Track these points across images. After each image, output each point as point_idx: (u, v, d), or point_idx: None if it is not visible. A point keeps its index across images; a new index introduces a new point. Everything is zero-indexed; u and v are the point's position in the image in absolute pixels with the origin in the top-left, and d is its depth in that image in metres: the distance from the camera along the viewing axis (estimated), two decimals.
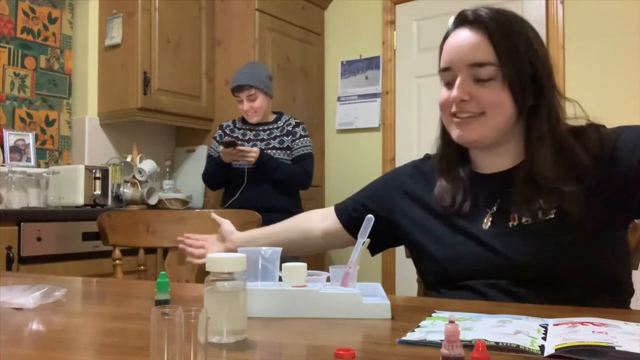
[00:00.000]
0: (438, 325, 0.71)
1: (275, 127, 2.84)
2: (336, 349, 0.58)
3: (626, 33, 2.89)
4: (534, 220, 0.96)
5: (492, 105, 0.97)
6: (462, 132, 1.00)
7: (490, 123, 0.98)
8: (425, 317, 0.76)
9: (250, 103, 2.75)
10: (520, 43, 0.96)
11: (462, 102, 0.97)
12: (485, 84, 0.96)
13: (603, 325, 0.66)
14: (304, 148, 2.81)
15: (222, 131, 2.89)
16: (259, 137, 2.82)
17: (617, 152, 0.93)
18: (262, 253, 0.87)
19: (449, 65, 1.00)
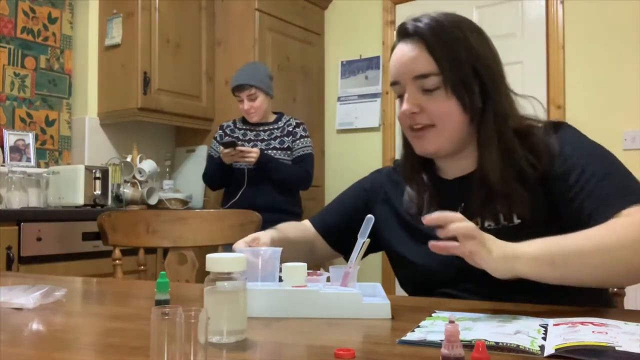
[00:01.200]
0: (438, 325, 0.71)
1: (275, 127, 2.83)
2: (336, 349, 0.58)
3: (626, 33, 2.89)
4: (497, 225, 0.97)
5: (440, 116, 0.98)
6: (420, 145, 1.02)
7: (442, 134, 0.99)
8: (425, 317, 0.76)
9: (250, 103, 2.75)
10: (460, 49, 0.97)
11: (413, 114, 0.99)
12: (432, 94, 0.98)
13: (603, 325, 0.66)
14: (304, 148, 2.81)
15: (223, 131, 2.89)
16: (259, 137, 2.81)
17: (557, 174, 0.94)
18: (262, 253, 0.87)
19: (396, 79, 1.01)
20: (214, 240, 1.65)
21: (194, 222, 1.67)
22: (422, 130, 1.00)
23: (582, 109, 2.95)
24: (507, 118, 0.98)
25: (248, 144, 2.78)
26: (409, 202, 1.07)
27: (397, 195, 1.12)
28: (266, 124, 2.85)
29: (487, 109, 0.98)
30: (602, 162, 0.93)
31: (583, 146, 0.96)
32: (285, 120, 2.87)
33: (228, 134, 2.86)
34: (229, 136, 2.86)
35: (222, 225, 1.66)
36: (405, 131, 1.05)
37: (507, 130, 0.97)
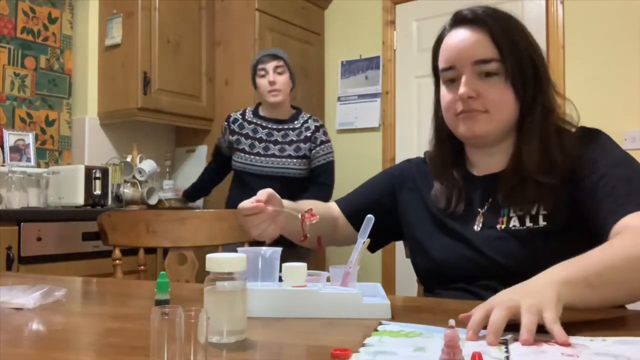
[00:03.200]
0: (386, 344, 0.63)
1: (291, 127, 2.51)
2: (333, 349, 0.58)
3: (626, 33, 2.89)
4: (522, 225, 0.97)
5: (496, 103, 0.98)
6: (469, 126, 1.00)
7: (494, 120, 0.99)
8: (372, 333, 0.68)
9: (276, 76, 2.44)
10: (519, 38, 0.99)
11: (469, 99, 0.98)
12: (490, 80, 0.98)
13: (569, 346, 0.60)
14: (325, 157, 2.50)
15: (228, 126, 2.59)
16: (272, 137, 2.49)
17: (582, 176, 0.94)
18: (262, 253, 0.87)
19: (452, 64, 1.01)
20: (214, 240, 1.65)
21: (194, 222, 1.67)
22: (474, 111, 0.99)
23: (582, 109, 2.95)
24: (552, 112, 1.00)
25: (258, 143, 2.47)
26: (438, 196, 1.08)
27: (425, 186, 1.12)
28: (282, 121, 2.51)
29: (537, 100, 0.99)
30: (627, 168, 0.93)
31: (612, 152, 0.97)
32: (302, 119, 2.53)
33: (236, 132, 2.54)
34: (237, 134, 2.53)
35: (222, 226, 1.66)
36: (451, 118, 1.03)
37: (550, 123, 0.99)
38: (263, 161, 2.43)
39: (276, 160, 2.40)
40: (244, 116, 2.57)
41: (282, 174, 2.41)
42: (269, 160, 2.43)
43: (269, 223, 0.99)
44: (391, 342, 0.63)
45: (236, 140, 2.48)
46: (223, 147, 2.60)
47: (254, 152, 2.44)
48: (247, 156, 2.45)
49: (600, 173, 0.92)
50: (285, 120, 2.51)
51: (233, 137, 2.51)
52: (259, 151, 2.42)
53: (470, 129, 1.00)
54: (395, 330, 0.67)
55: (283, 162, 2.42)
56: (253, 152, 2.45)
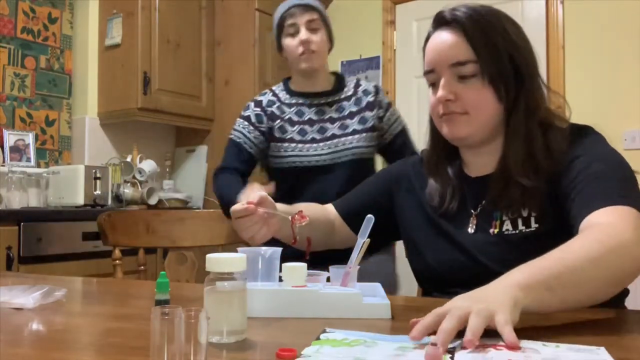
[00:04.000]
0: (324, 355, 0.59)
1: (343, 96, 1.84)
2: (279, 349, 0.58)
3: (626, 33, 2.89)
4: (515, 229, 0.96)
5: (475, 105, 0.98)
6: (450, 128, 1.01)
7: (475, 121, 0.99)
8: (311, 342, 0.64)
9: (310, 34, 1.76)
10: (498, 38, 0.98)
11: (448, 101, 0.99)
12: (468, 81, 0.98)
13: (519, 350, 0.59)
14: (400, 121, 1.89)
15: (263, 111, 1.82)
16: (325, 115, 1.80)
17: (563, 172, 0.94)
18: (262, 253, 0.87)
19: (432, 67, 1.01)
20: (214, 240, 1.65)
21: (194, 222, 1.67)
22: (453, 114, 0.99)
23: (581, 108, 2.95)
24: (536, 110, 0.99)
25: (310, 127, 1.78)
26: (432, 193, 1.08)
27: (421, 186, 1.12)
28: (327, 93, 1.83)
29: (520, 98, 0.98)
30: (605, 164, 0.92)
31: (594, 149, 0.95)
32: (352, 85, 1.87)
33: (277, 116, 1.81)
34: (278, 118, 1.80)
35: (222, 226, 1.66)
36: (436, 119, 1.05)
37: (534, 122, 0.98)
38: (322, 147, 1.76)
39: (339, 141, 1.77)
40: (278, 97, 1.86)
41: (352, 156, 1.77)
42: (329, 144, 1.77)
43: (261, 226, 0.97)
44: (330, 352, 0.59)
45: (280, 128, 1.78)
46: (249, 146, 1.81)
47: (308, 139, 1.78)
48: (299, 146, 1.77)
49: (577, 170, 0.91)
50: (332, 91, 1.85)
51: (275, 124, 1.79)
52: (313, 137, 1.78)
53: (451, 131, 1.01)
54: (339, 339, 0.64)
55: (350, 140, 1.77)
56: (306, 140, 1.77)
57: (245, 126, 1.82)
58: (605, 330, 0.72)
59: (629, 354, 0.61)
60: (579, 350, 0.59)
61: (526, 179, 0.94)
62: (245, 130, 1.82)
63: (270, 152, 1.82)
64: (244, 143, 1.80)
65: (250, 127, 1.82)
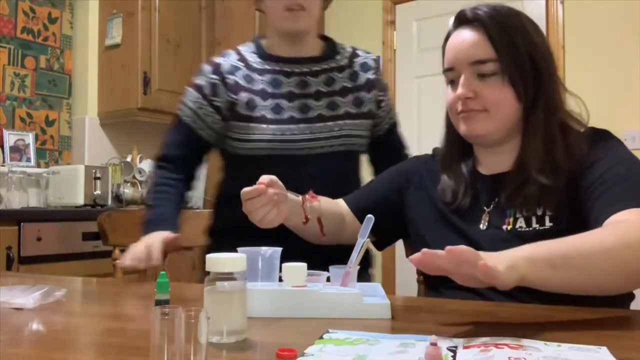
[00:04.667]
0: (327, 353, 0.59)
1: (335, 65, 1.41)
2: (278, 349, 0.58)
3: (626, 33, 2.89)
4: (528, 227, 0.96)
5: (494, 103, 0.99)
6: (469, 126, 1.01)
7: (494, 119, 0.99)
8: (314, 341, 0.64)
9: None
10: (518, 37, 0.99)
11: (467, 99, 0.99)
12: (488, 80, 0.98)
13: (520, 348, 0.59)
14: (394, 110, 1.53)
15: (221, 79, 1.34)
16: (310, 88, 1.35)
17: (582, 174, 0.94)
18: (262, 253, 0.87)
19: (452, 64, 1.02)
20: None
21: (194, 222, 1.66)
22: (472, 111, 1.00)
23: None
24: (556, 111, 0.99)
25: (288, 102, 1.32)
26: (445, 189, 1.08)
27: (432, 182, 1.12)
28: (313, 60, 1.39)
29: (539, 98, 0.99)
30: (627, 167, 0.92)
31: (615, 152, 0.96)
32: (348, 53, 1.47)
33: (241, 87, 1.33)
34: (234, 89, 1.33)
35: None
36: (454, 118, 1.05)
37: (555, 122, 0.99)
38: (303, 130, 1.30)
39: (326, 125, 1.32)
40: (246, 61, 1.37)
41: (340, 147, 1.33)
42: (313, 127, 1.31)
43: (270, 207, 0.96)
44: (332, 350, 0.60)
45: (247, 103, 1.31)
46: (200, 128, 1.36)
47: (285, 117, 1.31)
48: (271, 127, 1.29)
49: (599, 172, 0.92)
50: (320, 57, 1.40)
51: (240, 97, 1.32)
52: (292, 115, 1.31)
53: (469, 129, 1.01)
54: (342, 338, 0.65)
55: (340, 125, 1.33)
56: (283, 119, 1.31)
57: (195, 100, 1.36)
58: (607, 329, 0.72)
59: (631, 353, 0.61)
60: (580, 349, 0.59)
61: (544, 177, 0.94)
62: (196, 105, 1.35)
63: (230, 134, 1.34)
64: (192, 123, 1.36)
65: (203, 101, 1.35)
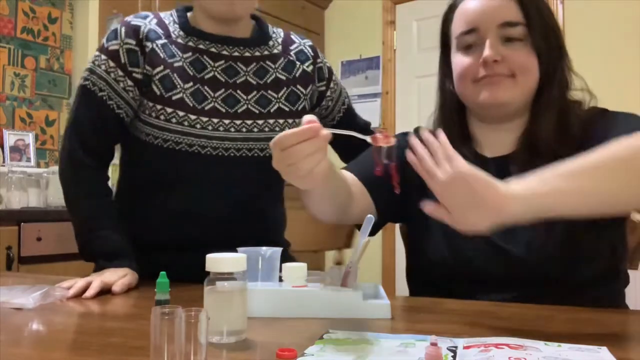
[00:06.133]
0: (328, 352, 0.58)
1: (266, 53, 1.21)
2: (278, 349, 0.58)
3: (626, 33, 2.89)
4: None
5: (523, 68, 0.95)
6: (492, 92, 0.95)
7: (519, 86, 0.95)
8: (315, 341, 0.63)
9: None
10: (543, 6, 0.96)
11: (494, 62, 0.94)
12: (513, 45, 0.94)
13: (521, 348, 0.59)
14: (344, 92, 1.35)
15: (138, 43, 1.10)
16: (238, 77, 1.16)
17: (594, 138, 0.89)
18: (262, 253, 0.87)
19: (474, 26, 0.96)
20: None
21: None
22: (498, 76, 0.94)
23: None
24: (569, 85, 0.98)
25: (211, 91, 1.12)
26: None
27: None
28: (243, 42, 1.19)
29: (556, 72, 0.97)
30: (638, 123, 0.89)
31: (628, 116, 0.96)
32: (281, 38, 1.26)
33: (148, 53, 1.10)
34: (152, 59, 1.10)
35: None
36: (468, 84, 0.97)
37: (567, 99, 0.97)
38: (226, 127, 1.13)
39: (255, 124, 1.15)
40: (167, 30, 1.15)
41: (268, 150, 1.14)
42: (239, 125, 1.14)
43: (324, 154, 0.74)
44: (333, 350, 0.60)
45: (162, 80, 1.10)
46: (117, 106, 1.11)
47: (206, 108, 1.12)
48: (189, 117, 1.10)
49: (611, 130, 0.88)
50: (250, 41, 1.20)
51: (154, 71, 1.10)
52: (216, 107, 1.13)
53: (493, 95, 0.95)
54: (342, 338, 0.64)
55: (270, 125, 1.16)
56: (203, 109, 1.12)
57: (110, 69, 1.09)
58: (607, 330, 0.72)
59: (631, 353, 0.61)
60: (580, 349, 0.59)
61: (556, 150, 0.89)
62: (112, 75, 1.09)
63: (139, 114, 1.12)
64: (108, 99, 1.09)
65: (119, 72, 1.09)
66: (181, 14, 1.19)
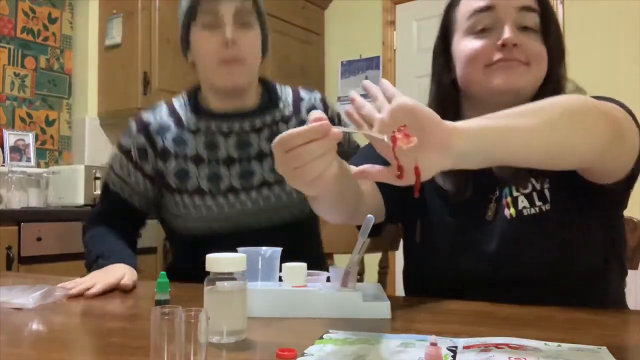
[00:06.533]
0: (328, 352, 0.58)
1: (279, 116, 1.24)
2: (278, 349, 0.58)
3: (626, 33, 2.89)
4: (531, 206, 0.90)
5: (539, 57, 0.91)
6: (507, 77, 0.89)
7: (533, 75, 0.91)
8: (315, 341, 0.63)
9: (238, 31, 1.14)
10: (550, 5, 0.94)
11: (514, 46, 0.89)
12: (527, 34, 0.91)
13: (521, 348, 0.58)
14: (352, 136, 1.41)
15: (148, 139, 1.19)
16: (251, 148, 1.19)
17: None
18: (262, 253, 0.87)
19: (492, 3, 0.90)
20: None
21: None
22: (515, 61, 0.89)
23: None
24: (565, 84, 0.95)
25: (226, 170, 1.18)
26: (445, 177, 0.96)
27: None
28: (254, 112, 1.22)
29: (559, 68, 0.95)
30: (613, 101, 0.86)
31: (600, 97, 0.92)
32: (291, 97, 1.28)
33: (170, 153, 1.19)
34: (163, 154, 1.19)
35: None
36: (479, 69, 0.91)
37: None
38: (245, 202, 1.16)
39: (272, 192, 1.18)
40: (178, 119, 1.21)
41: (290, 216, 1.20)
42: (256, 197, 1.17)
43: (333, 156, 0.67)
44: (332, 350, 0.59)
45: (178, 173, 1.18)
46: (130, 197, 1.23)
47: (224, 188, 1.17)
48: (208, 203, 1.16)
49: None
50: (259, 109, 1.22)
51: (169, 166, 1.18)
52: (233, 185, 1.17)
53: (507, 81, 0.89)
54: (342, 338, 0.64)
55: (288, 191, 1.18)
56: (222, 190, 1.17)
57: (123, 166, 1.20)
58: (607, 329, 0.72)
59: (630, 354, 0.61)
60: (580, 349, 0.59)
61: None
62: (125, 172, 1.20)
63: (163, 204, 1.20)
64: (122, 193, 1.21)
65: (130, 167, 1.19)
66: (191, 96, 1.25)
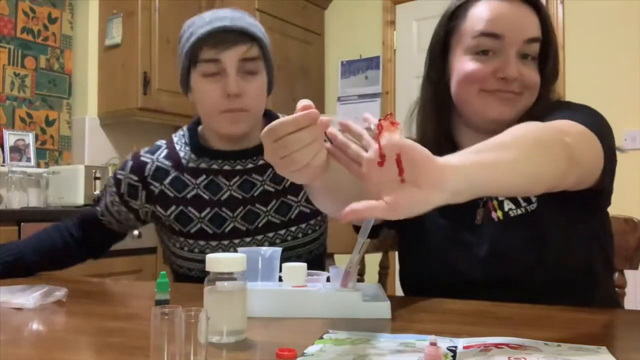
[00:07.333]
0: (327, 353, 0.58)
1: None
2: (278, 349, 0.58)
3: (626, 33, 2.89)
4: (517, 207, 0.91)
5: (533, 87, 0.92)
6: (502, 110, 0.90)
7: (522, 103, 0.92)
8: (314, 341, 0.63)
9: (243, 81, 1.11)
10: (552, 28, 0.94)
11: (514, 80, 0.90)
12: (527, 62, 0.92)
13: (521, 348, 0.58)
14: None
15: (141, 179, 1.18)
16: (255, 189, 1.15)
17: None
18: (262, 253, 0.87)
19: (501, 32, 0.90)
20: None
21: None
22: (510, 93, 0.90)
23: None
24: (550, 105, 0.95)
25: (230, 212, 1.14)
26: None
27: None
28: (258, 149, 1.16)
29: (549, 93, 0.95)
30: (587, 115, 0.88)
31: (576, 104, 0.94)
32: None
33: (167, 197, 1.16)
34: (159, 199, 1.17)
35: None
36: (473, 92, 0.91)
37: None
38: (249, 246, 1.12)
39: (277, 235, 1.14)
40: (177, 159, 1.20)
41: (296, 258, 1.16)
42: (260, 240, 1.14)
43: (322, 144, 0.67)
44: (332, 350, 0.59)
45: (178, 217, 1.15)
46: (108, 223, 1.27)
47: (227, 231, 1.13)
48: (212, 245, 1.14)
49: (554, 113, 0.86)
50: (261, 147, 0.78)
51: (166, 212, 1.16)
52: (237, 227, 1.13)
53: (502, 114, 0.90)
54: (342, 338, 0.64)
55: (293, 234, 1.15)
56: (224, 233, 1.14)
57: (111, 194, 1.21)
58: (607, 329, 0.72)
59: (631, 353, 0.61)
60: (580, 349, 0.59)
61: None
62: (110, 199, 1.21)
63: (167, 242, 1.19)
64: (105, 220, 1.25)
65: (116, 198, 1.19)
66: (192, 133, 1.22)
